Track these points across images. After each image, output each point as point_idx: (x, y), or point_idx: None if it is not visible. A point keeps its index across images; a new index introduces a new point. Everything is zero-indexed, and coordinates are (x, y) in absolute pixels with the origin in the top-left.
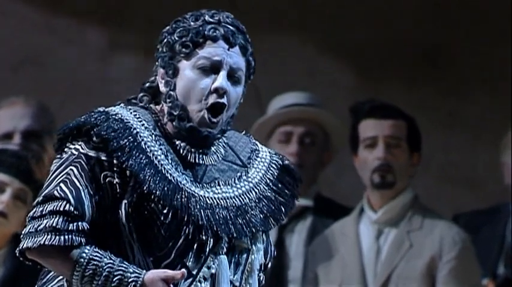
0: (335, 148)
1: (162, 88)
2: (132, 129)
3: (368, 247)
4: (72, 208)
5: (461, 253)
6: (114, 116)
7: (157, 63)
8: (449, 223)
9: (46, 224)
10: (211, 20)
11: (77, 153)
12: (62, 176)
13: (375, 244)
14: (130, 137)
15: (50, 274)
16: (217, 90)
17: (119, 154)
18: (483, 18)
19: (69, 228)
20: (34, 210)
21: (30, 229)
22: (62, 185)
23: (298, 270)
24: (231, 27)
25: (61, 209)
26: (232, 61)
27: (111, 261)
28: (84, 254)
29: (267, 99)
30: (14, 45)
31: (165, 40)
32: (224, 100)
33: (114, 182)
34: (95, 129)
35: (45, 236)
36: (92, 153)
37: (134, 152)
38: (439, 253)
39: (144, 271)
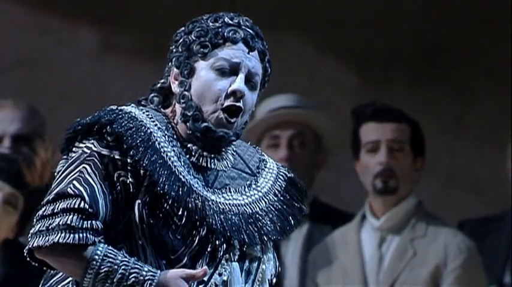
0: (329, 150)
1: (176, 89)
2: (145, 128)
3: (370, 255)
4: (87, 206)
5: (466, 261)
6: (127, 114)
7: (170, 63)
8: (454, 230)
9: (59, 222)
10: (231, 22)
11: (89, 151)
12: (75, 174)
13: (377, 252)
14: (144, 136)
15: (54, 279)
16: (234, 93)
17: (134, 152)
18: (485, 18)
19: (84, 226)
20: (44, 208)
21: (40, 227)
22: (75, 182)
23: (294, 279)
24: (250, 31)
25: (75, 206)
26: (251, 65)
27: (126, 259)
28: (98, 252)
29: None
30: (5, 47)
31: (181, 40)
32: (241, 104)
33: (128, 181)
34: (108, 127)
35: (59, 234)
36: (105, 151)
37: (149, 151)
38: (444, 261)
39: (159, 271)
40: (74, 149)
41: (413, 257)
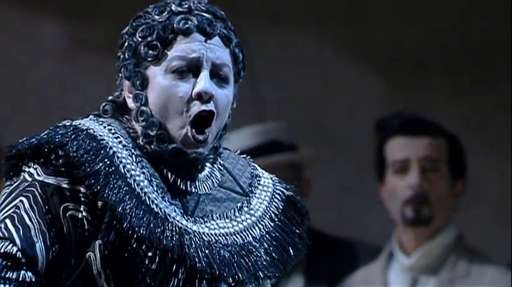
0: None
1: (131, 104)
2: (108, 150)
3: None
4: (14, 250)
5: None
6: (84, 133)
7: (120, 74)
8: (503, 270)
9: None
10: (179, 9)
11: (30, 179)
12: (10, 209)
13: None
14: (106, 160)
15: None
16: (200, 96)
17: (93, 181)
18: None
19: (7, 276)
20: None
21: None
22: (7, 221)
23: None
24: (206, 15)
25: (0, 251)
26: (214, 56)
27: None
28: None
29: (273, 113)
30: None
31: (126, 44)
32: (211, 107)
33: (79, 216)
34: (59, 151)
35: None
36: (50, 179)
37: (111, 179)
38: None
39: None
40: (20, 173)
41: None
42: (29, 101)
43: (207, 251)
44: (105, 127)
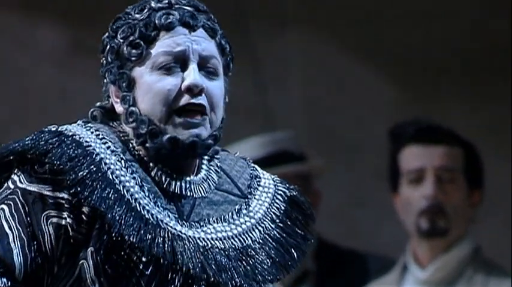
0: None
1: (120, 108)
2: (94, 156)
3: None
4: None
5: None
6: (69, 139)
7: (105, 80)
8: None
9: None
10: (159, 5)
11: (13, 187)
12: None
13: None
14: (92, 167)
15: None
16: (190, 90)
17: (78, 189)
18: None
19: None
20: None
21: None
22: None
23: None
24: (187, 8)
25: None
26: (200, 48)
27: None
28: None
29: (282, 121)
30: None
31: (108, 47)
32: (201, 100)
33: (63, 223)
34: (43, 158)
35: None
36: (32, 187)
37: (98, 186)
38: None
39: None
40: (7, 180)
41: None
42: (28, 104)
43: (201, 257)
44: (92, 133)
